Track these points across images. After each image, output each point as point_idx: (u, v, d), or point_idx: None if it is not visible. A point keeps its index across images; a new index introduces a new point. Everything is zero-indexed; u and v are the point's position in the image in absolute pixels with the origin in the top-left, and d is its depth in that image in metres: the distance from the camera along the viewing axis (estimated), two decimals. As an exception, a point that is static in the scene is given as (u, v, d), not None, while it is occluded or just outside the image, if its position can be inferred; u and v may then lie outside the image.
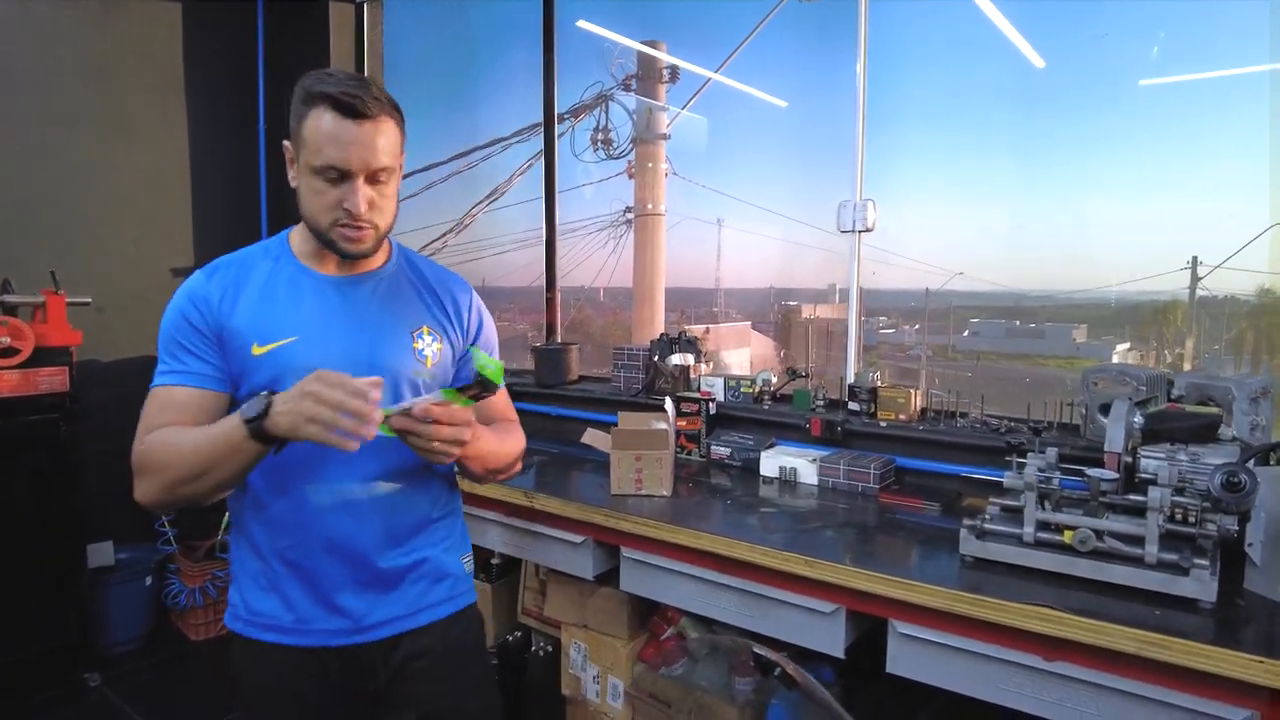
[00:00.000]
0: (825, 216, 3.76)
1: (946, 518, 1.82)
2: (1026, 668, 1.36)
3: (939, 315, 4.15)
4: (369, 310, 1.20)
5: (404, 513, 1.23)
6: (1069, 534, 1.43)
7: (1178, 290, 2.76)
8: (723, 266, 5.18)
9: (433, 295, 1.29)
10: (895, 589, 1.45)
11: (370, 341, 1.18)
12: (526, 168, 4.88)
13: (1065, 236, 2.77)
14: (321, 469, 1.16)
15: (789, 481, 2.08)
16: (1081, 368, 3.21)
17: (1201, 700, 1.22)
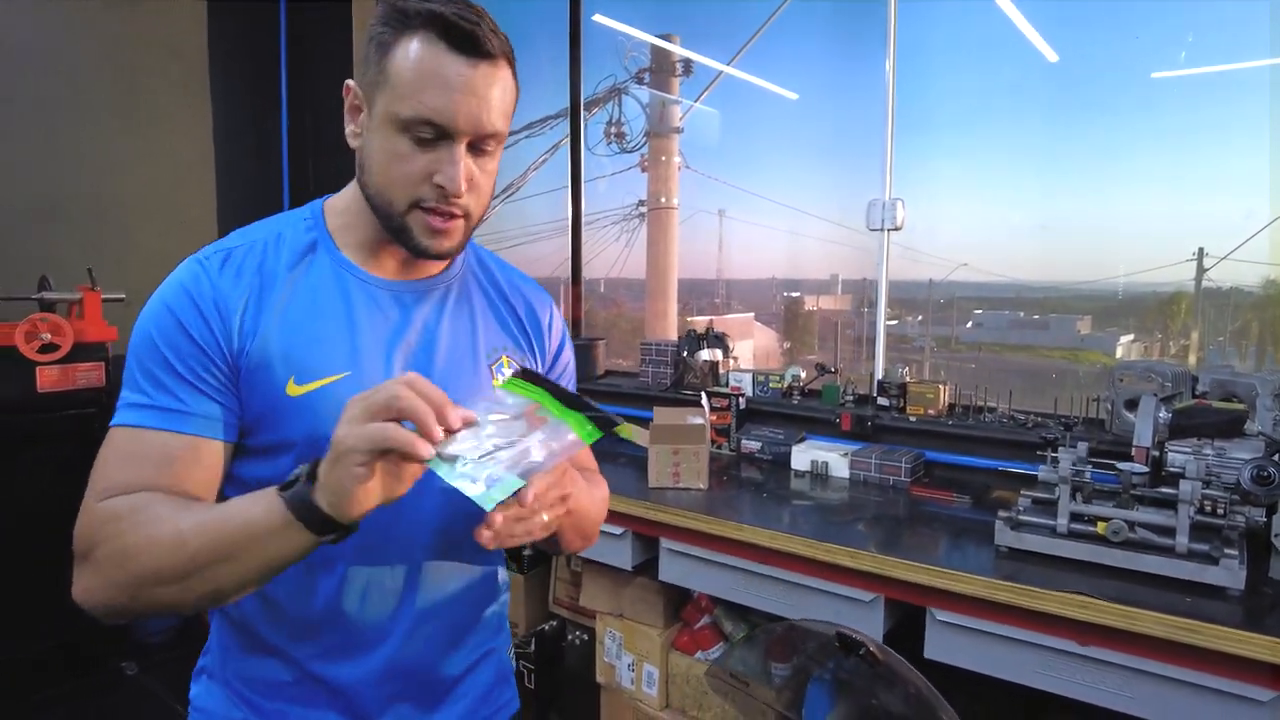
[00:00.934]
0: (833, 208, 3.80)
1: (977, 510, 1.89)
2: (1061, 653, 1.43)
3: (942, 307, 4.18)
4: (438, 333, 0.88)
5: (474, 593, 0.95)
6: (1102, 525, 1.49)
7: (1183, 282, 2.79)
8: (726, 258, 5.22)
9: (509, 309, 0.98)
10: (936, 578, 1.51)
11: (443, 379, 0.83)
12: (543, 161, 4.93)
13: (1071, 227, 2.82)
14: (373, 539, 0.83)
15: (821, 475, 2.15)
16: (1086, 359, 3.26)
17: (1230, 682, 1.29)
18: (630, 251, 5.77)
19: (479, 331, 0.92)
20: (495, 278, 0.99)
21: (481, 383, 0.89)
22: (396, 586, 0.85)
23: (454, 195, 0.79)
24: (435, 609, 0.89)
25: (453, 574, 0.90)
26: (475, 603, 0.94)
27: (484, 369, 0.91)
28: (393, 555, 0.85)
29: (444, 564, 0.89)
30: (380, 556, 0.84)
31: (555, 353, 1.03)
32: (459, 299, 0.93)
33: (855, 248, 3.55)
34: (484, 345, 0.92)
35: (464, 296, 0.94)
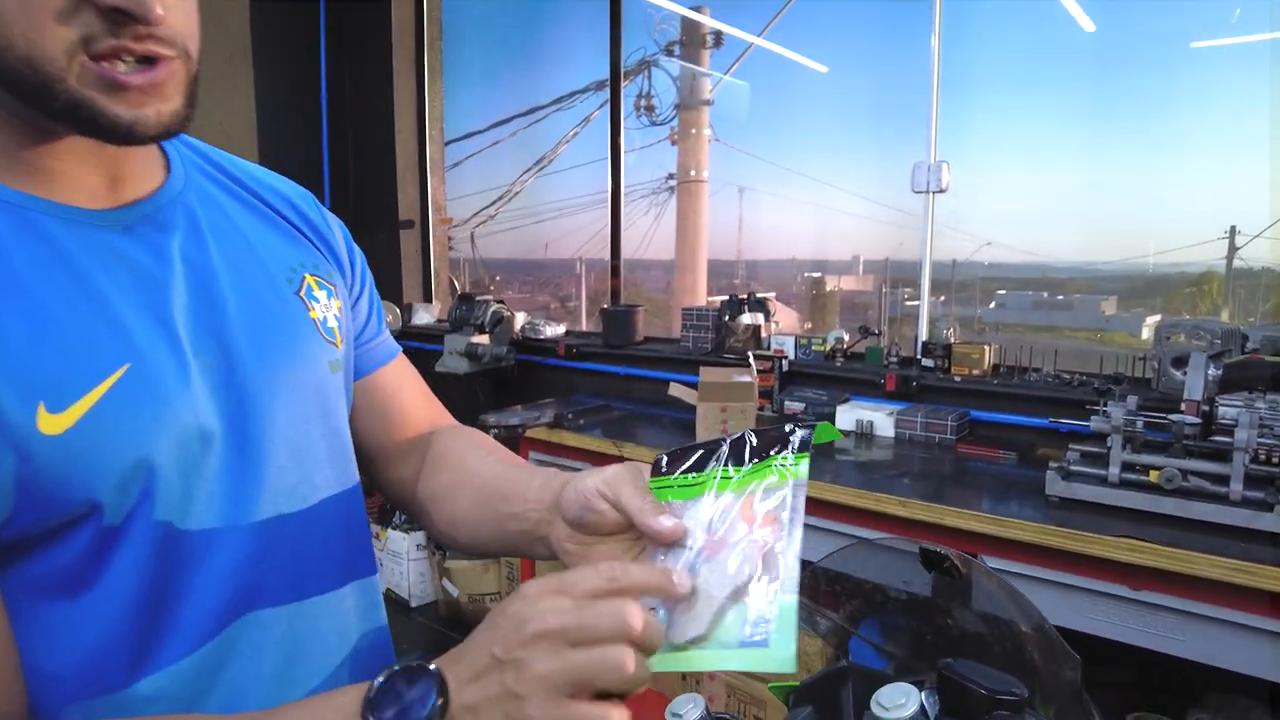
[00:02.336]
0: (863, 183, 3.80)
1: (1024, 466, 1.92)
2: (1112, 597, 1.47)
3: (965, 287, 4.17)
4: (213, 268, 0.62)
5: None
6: (1155, 474, 1.52)
7: (1211, 262, 2.76)
8: (749, 238, 5.22)
9: (274, 211, 0.71)
10: (988, 525, 1.55)
11: (249, 332, 0.62)
12: (574, 134, 4.95)
13: (1099, 207, 2.78)
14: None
15: (865, 434, 2.18)
16: (1111, 340, 3.23)
17: None
18: (659, 225, 5.80)
19: (259, 251, 0.66)
20: (233, 174, 0.70)
21: (294, 318, 0.66)
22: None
23: (146, 17, 0.48)
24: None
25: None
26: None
27: (291, 300, 0.66)
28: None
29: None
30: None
31: (350, 258, 0.77)
32: (211, 213, 0.64)
33: (883, 222, 3.55)
34: (275, 268, 0.66)
35: (214, 208, 0.65)
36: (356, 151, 3.94)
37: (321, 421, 0.67)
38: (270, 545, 0.61)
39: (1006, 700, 0.71)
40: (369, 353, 0.79)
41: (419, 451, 0.80)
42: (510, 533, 0.67)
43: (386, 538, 3.30)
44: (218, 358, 0.60)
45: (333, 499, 0.68)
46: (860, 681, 0.99)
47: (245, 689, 0.60)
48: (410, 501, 0.80)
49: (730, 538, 0.51)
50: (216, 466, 0.58)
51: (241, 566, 0.59)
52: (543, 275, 6.27)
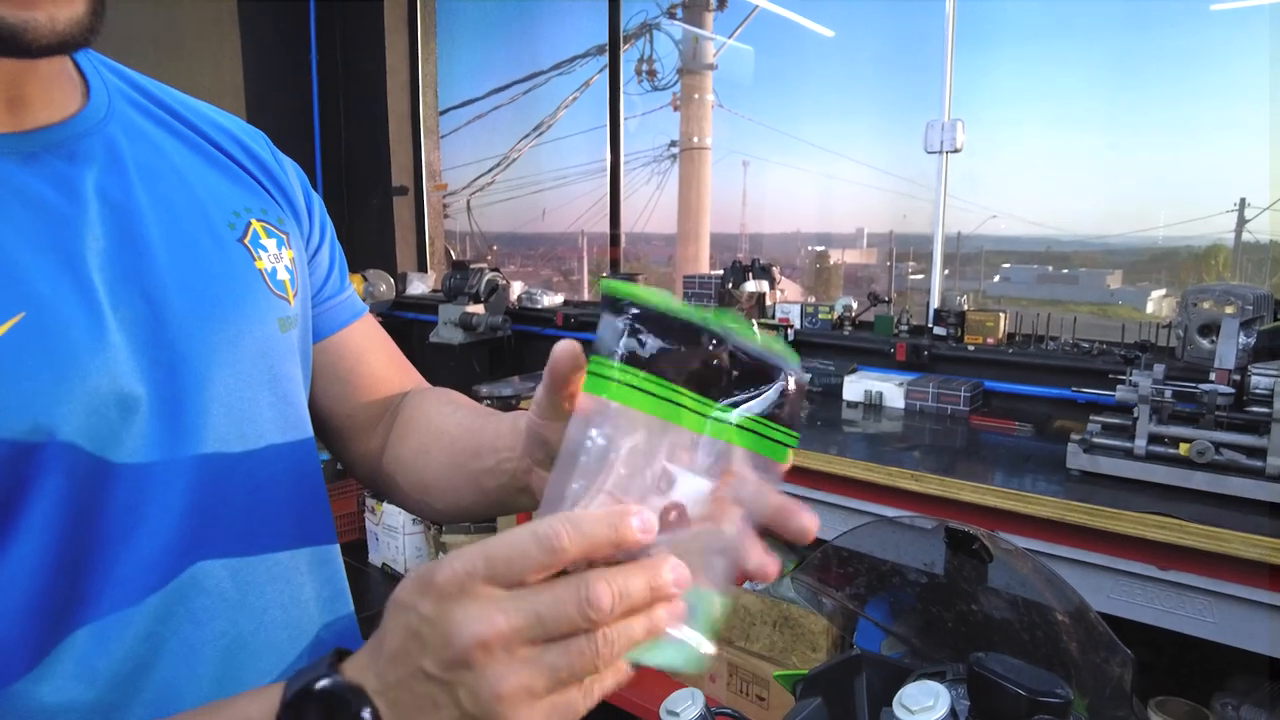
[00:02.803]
0: (869, 152, 3.68)
1: (1041, 438, 1.83)
2: (1139, 576, 1.38)
3: (970, 260, 4.09)
4: (136, 206, 0.53)
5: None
6: (1185, 446, 1.43)
7: (1218, 234, 2.66)
8: (753, 211, 5.10)
9: (216, 147, 0.62)
10: (1005, 500, 1.47)
11: (180, 282, 0.53)
12: (573, 99, 4.81)
13: (1112, 175, 2.69)
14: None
15: (874, 405, 2.09)
16: (1115, 314, 3.17)
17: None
18: (661, 195, 5.67)
19: (196, 191, 0.57)
20: (169, 105, 0.60)
21: (237, 269, 0.56)
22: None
23: None
24: None
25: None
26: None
27: (234, 248, 0.57)
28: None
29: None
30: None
31: (307, 204, 0.68)
32: (139, 148, 0.55)
33: (887, 191, 3.44)
34: (215, 211, 0.57)
35: (143, 142, 0.56)
36: (348, 115, 3.82)
37: (270, 387, 0.58)
38: (209, 496, 0.52)
39: (1048, 703, 0.62)
40: (330, 312, 0.70)
41: (382, 418, 0.71)
42: (489, 490, 0.58)
43: (382, 511, 3.24)
44: (142, 311, 0.50)
45: (283, 445, 0.59)
46: (875, 673, 0.90)
47: (178, 692, 0.51)
48: (377, 474, 0.71)
49: (698, 511, 0.38)
50: (140, 439, 0.49)
51: (175, 528, 0.50)
52: (543, 247, 6.17)
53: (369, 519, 3.34)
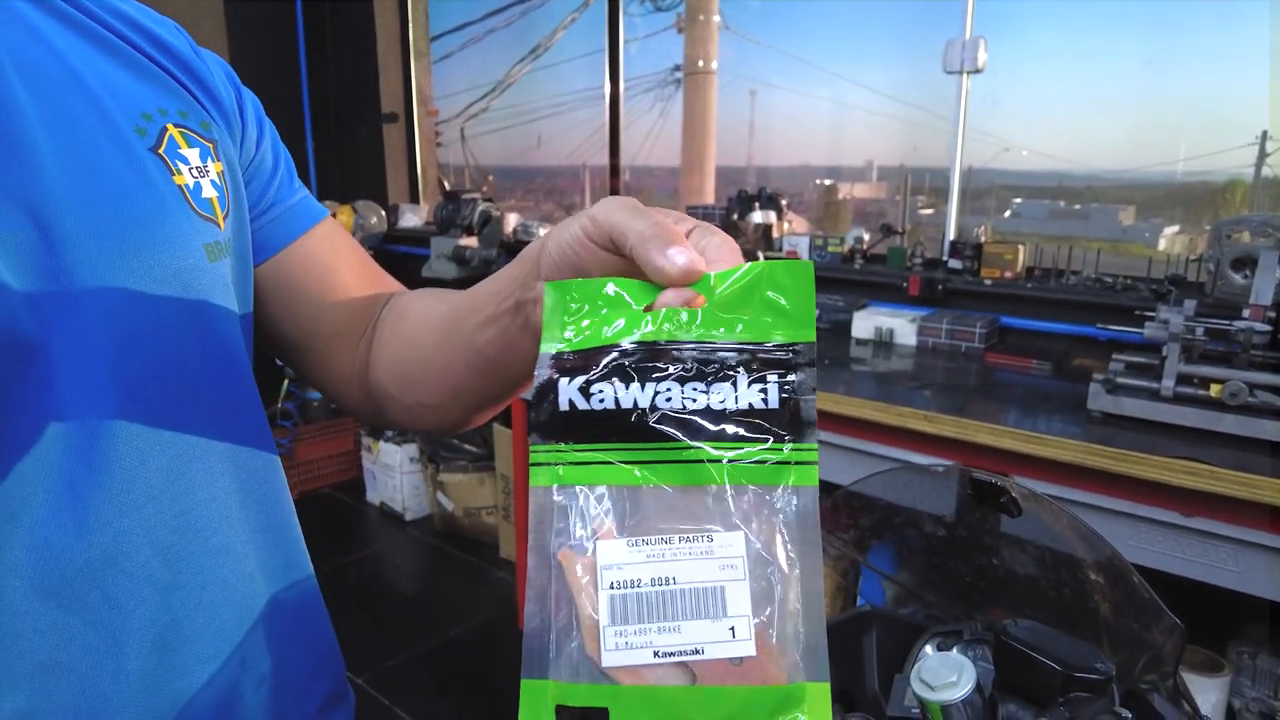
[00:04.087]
0: (885, 75, 3.50)
1: (1059, 377, 1.75)
2: (1160, 524, 1.32)
3: (980, 195, 3.99)
4: (10, 112, 0.42)
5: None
6: (1216, 387, 1.35)
7: (1238, 169, 2.53)
8: (759, 142, 4.90)
9: (113, 34, 0.50)
10: (1023, 443, 1.39)
11: (81, 207, 0.43)
12: (571, 20, 4.58)
13: (1130, 107, 2.55)
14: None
15: (885, 343, 2.01)
16: (1127, 251, 3.06)
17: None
18: (664, 125, 5.47)
19: (94, 90, 0.46)
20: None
21: (152, 185, 0.47)
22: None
23: None
24: None
25: None
26: None
27: (144, 159, 0.47)
28: None
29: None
30: None
31: (239, 102, 0.58)
32: (17, 35, 0.44)
33: (899, 119, 3.28)
34: (120, 114, 0.47)
35: (21, 28, 0.45)
36: (335, 37, 3.63)
37: (196, 330, 0.48)
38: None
39: (1086, 679, 0.55)
40: (284, 218, 0.60)
41: (363, 332, 0.62)
42: (484, 346, 0.51)
43: (379, 450, 3.20)
44: (28, 233, 0.41)
45: (216, 401, 0.50)
46: (885, 630, 0.84)
47: (103, 687, 0.44)
48: (363, 393, 0.62)
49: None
50: (35, 393, 0.40)
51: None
52: (542, 180, 5.99)
53: (365, 457, 3.30)
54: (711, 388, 0.32)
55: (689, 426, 0.31)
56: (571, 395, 0.33)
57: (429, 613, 2.65)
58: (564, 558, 0.31)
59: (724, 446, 0.31)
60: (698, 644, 0.30)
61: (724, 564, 0.30)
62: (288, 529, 0.57)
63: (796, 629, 0.30)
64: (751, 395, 0.32)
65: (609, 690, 0.29)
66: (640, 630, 0.30)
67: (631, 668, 0.30)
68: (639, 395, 0.32)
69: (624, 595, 0.30)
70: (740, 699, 0.29)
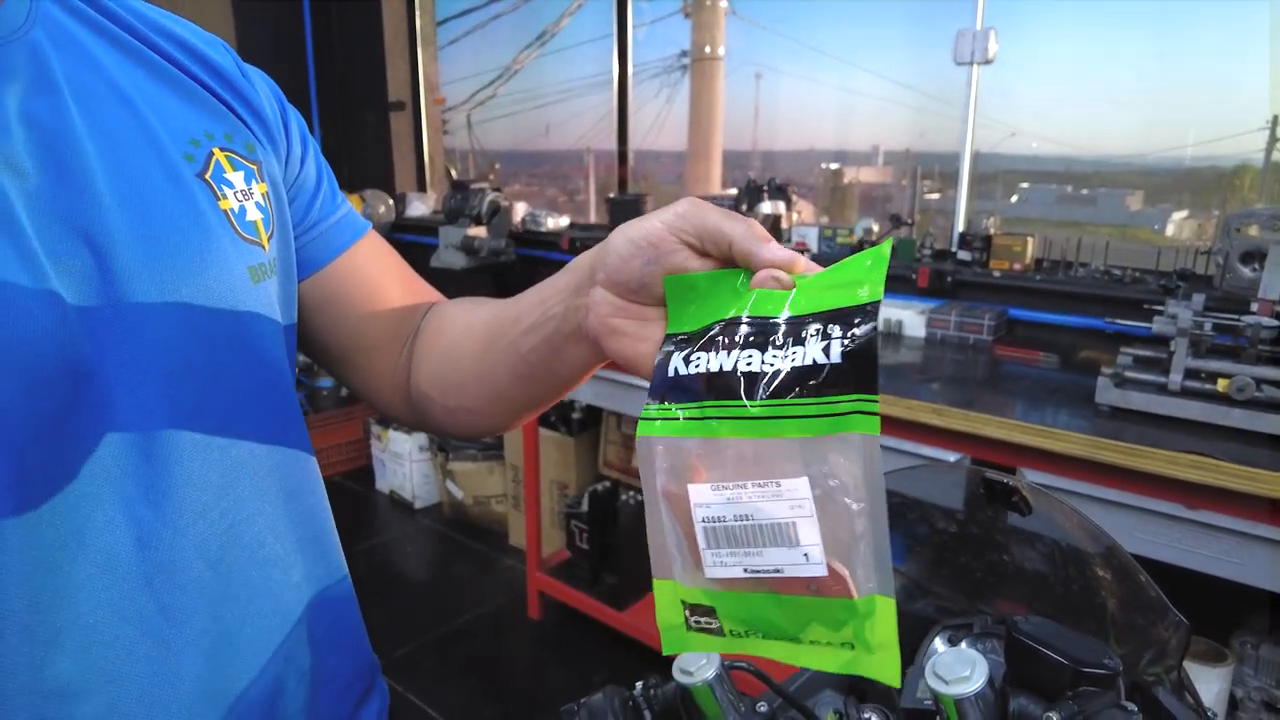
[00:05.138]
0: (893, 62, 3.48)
1: (1067, 370, 1.76)
2: (1166, 516, 1.34)
3: (987, 180, 3.98)
4: (68, 125, 0.44)
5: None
6: (1224, 382, 1.36)
7: (1248, 154, 2.52)
8: (765, 127, 4.88)
9: (171, 62, 0.52)
10: (1032, 436, 1.41)
11: (136, 235, 0.45)
12: (577, 6, 4.56)
13: (1140, 91, 2.54)
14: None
15: (893, 334, 2.02)
16: (1134, 237, 3.06)
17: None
18: (670, 111, 5.45)
19: (145, 115, 0.48)
20: (112, 10, 0.50)
21: (199, 211, 0.49)
22: None
23: None
24: None
25: None
26: None
27: (193, 185, 0.49)
28: None
29: None
30: None
31: (284, 120, 0.60)
32: (73, 61, 0.46)
33: (909, 107, 3.27)
34: (170, 140, 0.49)
35: (78, 54, 0.46)
36: (341, 24, 3.62)
37: (242, 349, 0.50)
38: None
39: (1095, 674, 0.57)
40: (327, 235, 0.62)
41: (404, 341, 0.64)
42: (529, 353, 0.53)
43: (388, 439, 3.22)
44: (86, 260, 0.43)
45: (261, 413, 0.52)
46: (901, 625, 0.86)
47: (160, 695, 0.46)
48: (405, 400, 0.64)
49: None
50: (94, 415, 0.42)
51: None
52: (547, 166, 5.98)
53: (375, 445, 3.33)
54: (785, 350, 0.37)
55: (764, 383, 0.37)
56: (677, 364, 0.40)
57: (438, 600, 2.68)
58: (665, 494, 0.38)
59: (791, 404, 0.36)
60: (778, 565, 0.36)
61: (793, 504, 0.36)
62: (328, 535, 0.59)
63: (865, 555, 0.35)
64: (815, 352, 0.36)
65: (714, 594, 0.37)
66: (731, 553, 0.37)
67: (727, 579, 0.37)
68: (724, 360, 0.38)
69: (713, 528, 0.37)
70: (818, 608, 0.36)
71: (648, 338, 0.45)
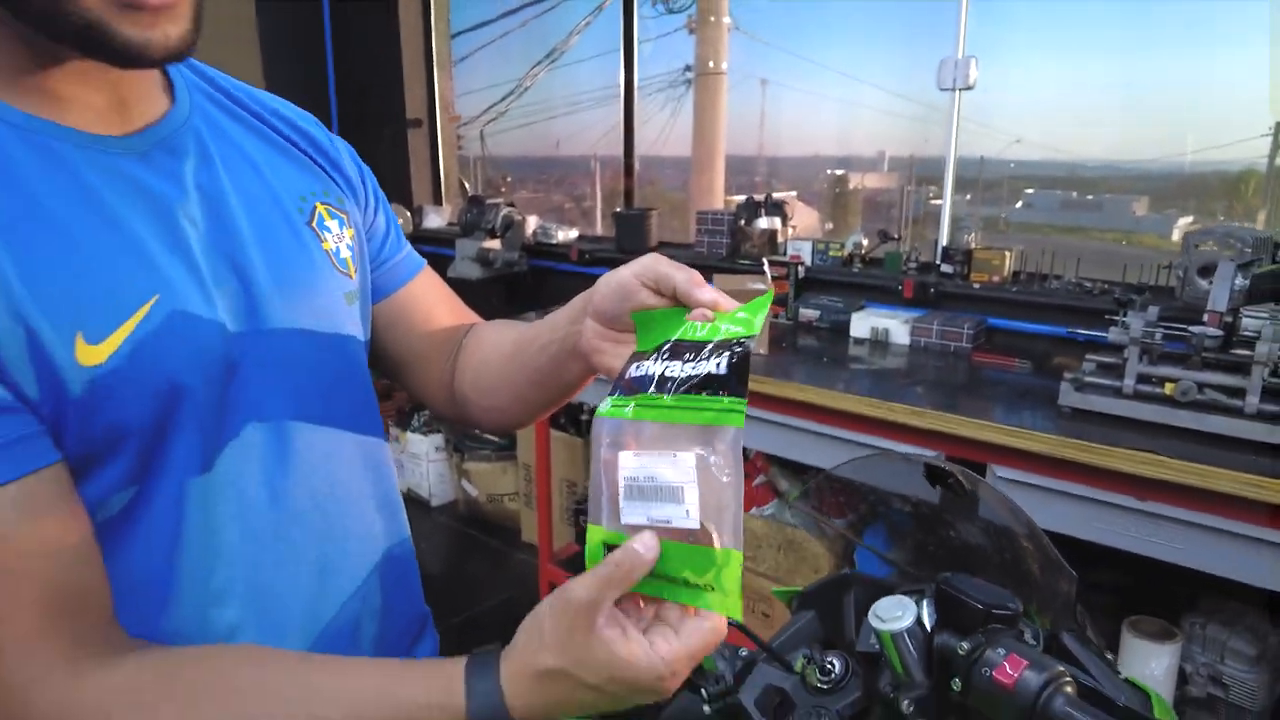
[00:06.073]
0: (889, 76, 3.60)
1: (1039, 375, 1.91)
2: (1119, 507, 1.48)
3: (992, 185, 4.05)
4: (225, 196, 0.61)
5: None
6: (1170, 386, 1.51)
7: (1252, 160, 2.60)
8: (771, 134, 5.02)
9: (280, 136, 0.69)
10: (1000, 435, 1.55)
11: (266, 263, 0.61)
12: (585, 24, 4.73)
13: (1138, 99, 2.62)
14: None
15: (880, 342, 2.17)
16: (1140, 242, 3.15)
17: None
18: (675, 122, 5.60)
19: (269, 179, 0.65)
20: (237, 97, 0.67)
21: (309, 251, 0.65)
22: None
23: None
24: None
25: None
26: None
27: (304, 231, 0.65)
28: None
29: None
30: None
31: (361, 178, 0.76)
32: (219, 139, 0.62)
33: (909, 118, 3.40)
34: (286, 197, 0.65)
35: (221, 134, 0.63)
36: (361, 47, 3.80)
37: (339, 353, 0.68)
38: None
39: (1000, 614, 0.72)
40: (392, 270, 0.80)
41: (450, 353, 0.82)
42: (541, 367, 0.69)
43: (406, 440, 3.38)
44: (237, 288, 0.59)
45: (349, 398, 0.70)
46: (862, 589, 1.01)
47: (285, 603, 0.63)
48: (450, 399, 0.81)
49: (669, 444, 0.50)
50: (241, 395, 0.59)
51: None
52: (555, 173, 6.14)
53: (393, 447, 3.49)
54: (694, 363, 0.51)
55: (676, 385, 0.51)
56: (630, 371, 0.55)
57: (455, 592, 2.84)
58: (604, 461, 0.51)
59: (691, 399, 0.49)
60: (669, 517, 0.48)
61: (683, 472, 0.48)
62: (397, 503, 0.76)
63: (727, 518, 0.47)
64: (711, 366, 0.50)
65: (624, 537, 0.49)
66: (640, 505, 0.49)
67: (634, 525, 0.49)
68: (657, 369, 0.53)
69: (630, 485, 0.50)
70: (691, 553, 0.48)
71: (622, 355, 0.59)
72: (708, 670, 0.81)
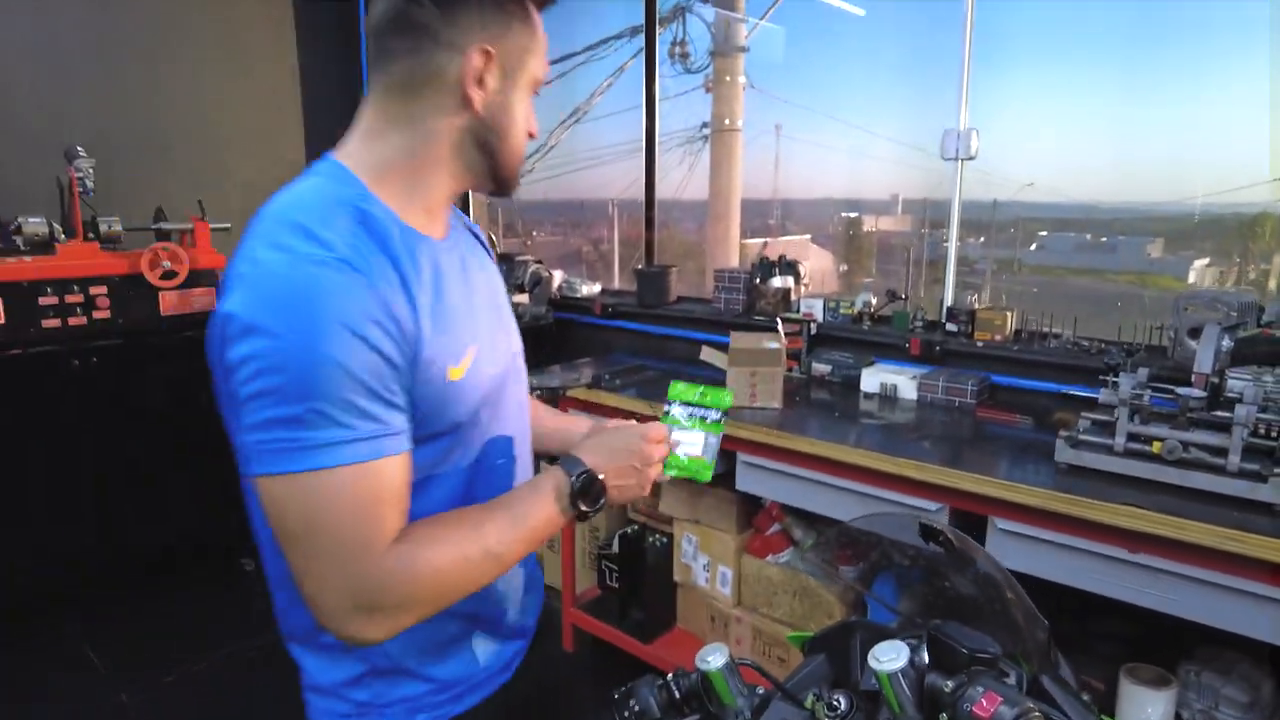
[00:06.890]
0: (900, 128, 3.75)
1: (1039, 430, 2.01)
2: (1112, 559, 1.58)
3: (1006, 228, 4.13)
4: (482, 282, 0.96)
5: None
6: (1158, 445, 1.61)
7: (1269, 203, 2.67)
8: (784, 177, 5.19)
9: (481, 244, 1.05)
10: (999, 489, 1.66)
11: (507, 329, 1.00)
12: (608, 85, 4.96)
13: (1151, 144, 2.67)
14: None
15: (889, 397, 2.29)
16: (1155, 284, 3.21)
17: (1269, 587, 1.42)
18: (692, 174, 5.79)
19: (491, 272, 1.01)
20: (463, 218, 1.03)
21: (509, 316, 1.03)
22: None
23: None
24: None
25: None
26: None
27: (508, 315, 1.02)
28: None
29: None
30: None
31: None
32: (465, 246, 0.96)
33: (920, 169, 3.53)
34: (496, 279, 1.02)
35: (463, 244, 0.96)
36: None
37: (524, 387, 1.05)
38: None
39: (982, 657, 0.84)
40: None
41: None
42: (543, 450, 1.14)
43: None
44: (502, 344, 0.96)
45: (523, 394, 1.08)
46: (867, 634, 1.13)
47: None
48: None
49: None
50: (508, 383, 0.96)
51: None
52: (573, 216, 6.35)
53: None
54: (701, 410, 1.04)
55: (698, 413, 1.04)
56: (668, 405, 1.05)
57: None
58: (671, 441, 1.02)
59: (703, 422, 1.03)
60: (689, 453, 1.01)
61: (697, 441, 1.02)
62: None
63: (709, 455, 1.01)
64: (713, 413, 1.04)
65: (676, 457, 1.03)
66: (682, 446, 1.01)
67: (683, 454, 1.02)
68: (680, 411, 1.04)
69: (678, 445, 1.01)
70: (697, 464, 1.01)
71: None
72: (728, 706, 0.92)
